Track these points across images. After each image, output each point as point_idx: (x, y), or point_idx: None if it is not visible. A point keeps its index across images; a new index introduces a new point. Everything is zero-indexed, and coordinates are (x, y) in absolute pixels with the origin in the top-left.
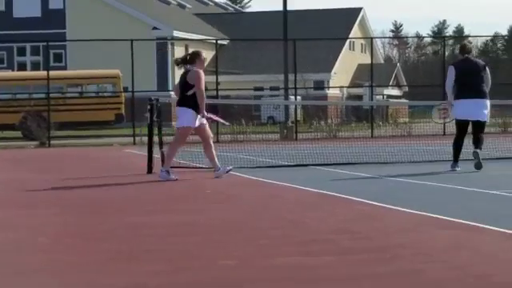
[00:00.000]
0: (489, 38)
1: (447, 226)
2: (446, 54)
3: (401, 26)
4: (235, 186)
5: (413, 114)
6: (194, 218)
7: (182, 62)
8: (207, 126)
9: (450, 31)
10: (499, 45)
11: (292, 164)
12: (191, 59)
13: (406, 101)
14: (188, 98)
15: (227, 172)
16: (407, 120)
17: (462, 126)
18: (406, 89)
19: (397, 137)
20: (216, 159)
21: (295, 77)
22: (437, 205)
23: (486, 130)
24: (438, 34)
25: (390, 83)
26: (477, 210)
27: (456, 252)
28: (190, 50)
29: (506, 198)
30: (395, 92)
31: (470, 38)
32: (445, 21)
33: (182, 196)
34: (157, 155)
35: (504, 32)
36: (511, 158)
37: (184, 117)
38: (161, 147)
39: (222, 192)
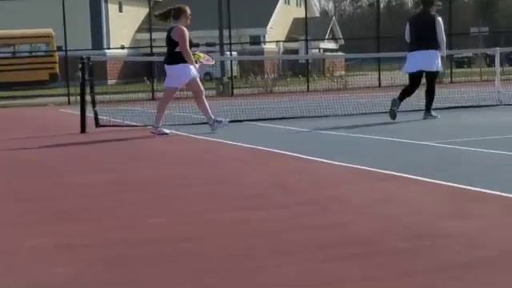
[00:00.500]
0: None
1: (379, 178)
2: (382, 6)
3: None
4: (170, 144)
5: (349, 66)
6: (127, 177)
7: (165, 17)
8: (198, 79)
9: None
10: None
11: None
12: (176, 15)
13: (342, 53)
14: (176, 54)
15: (220, 123)
16: (344, 73)
17: (412, 77)
18: (342, 42)
19: (332, 90)
20: (209, 111)
21: (229, 32)
22: (369, 157)
23: (423, 80)
24: None
25: (326, 37)
26: (408, 161)
27: (386, 204)
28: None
29: (436, 149)
30: (331, 45)
31: None
32: None
33: (115, 155)
34: (90, 114)
35: None
36: (446, 109)
37: (176, 74)
38: (93, 106)
39: (157, 149)
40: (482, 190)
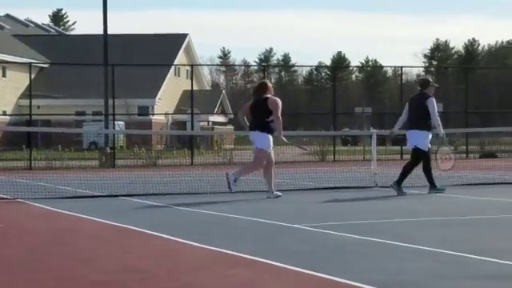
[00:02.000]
0: (313, 67)
1: (241, 264)
2: (273, 81)
3: (229, 52)
4: (33, 219)
5: (238, 140)
6: None
7: (257, 91)
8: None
9: (276, 59)
10: (323, 74)
11: (101, 194)
12: (262, 90)
13: (230, 128)
14: (268, 123)
15: (276, 197)
16: (233, 146)
17: (412, 154)
18: (232, 115)
19: (217, 164)
20: (273, 183)
21: (113, 102)
22: (237, 240)
23: (306, 158)
24: (265, 61)
25: (216, 110)
26: (277, 246)
27: None
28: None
29: (305, 232)
30: (220, 118)
31: (295, 68)
32: (271, 49)
33: None
34: None
35: (328, 61)
36: (324, 189)
37: (265, 141)
38: None
39: (17, 225)
40: (348, 282)
